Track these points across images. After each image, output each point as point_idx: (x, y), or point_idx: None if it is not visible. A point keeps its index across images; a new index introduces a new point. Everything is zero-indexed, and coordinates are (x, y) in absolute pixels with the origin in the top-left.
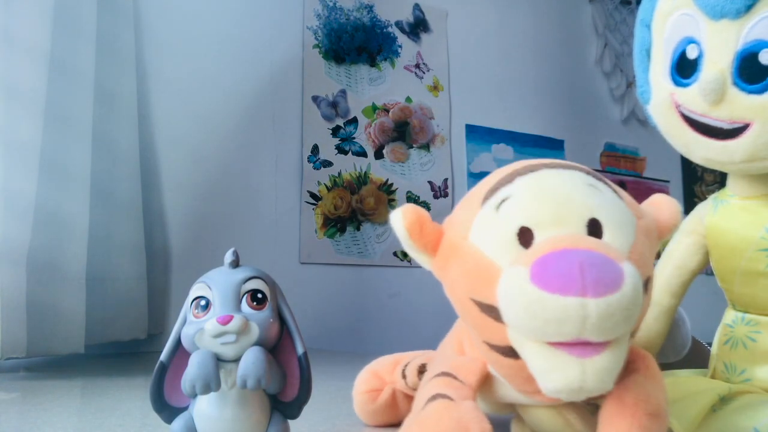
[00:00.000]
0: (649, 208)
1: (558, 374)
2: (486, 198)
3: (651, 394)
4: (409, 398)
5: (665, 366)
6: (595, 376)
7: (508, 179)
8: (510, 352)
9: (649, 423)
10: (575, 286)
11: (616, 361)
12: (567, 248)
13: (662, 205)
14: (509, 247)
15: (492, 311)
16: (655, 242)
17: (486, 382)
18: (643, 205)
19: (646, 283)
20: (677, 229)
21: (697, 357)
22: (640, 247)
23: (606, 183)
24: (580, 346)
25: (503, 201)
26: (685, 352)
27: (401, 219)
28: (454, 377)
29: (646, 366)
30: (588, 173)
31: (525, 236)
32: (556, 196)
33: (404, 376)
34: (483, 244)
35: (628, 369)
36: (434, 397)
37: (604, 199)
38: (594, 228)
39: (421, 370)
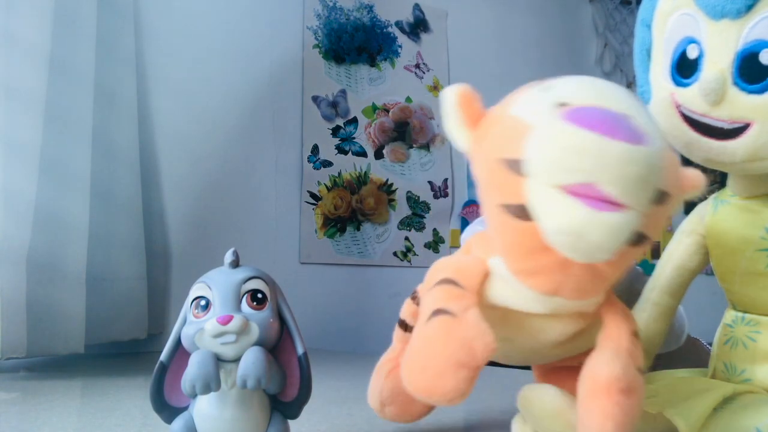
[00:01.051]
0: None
1: (565, 214)
2: (534, 86)
3: (626, 372)
4: None
5: (667, 362)
6: (599, 229)
7: (553, 79)
8: (522, 212)
9: (624, 399)
10: (602, 127)
11: (622, 226)
12: (604, 108)
13: (690, 170)
14: (549, 111)
15: (516, 165)
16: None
17: (490, 283)
18: None
19: (665, 195)
20: (696, 193)
21: (697, 357)
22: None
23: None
24: (594, 199)
25: (550, 88)
26: (684, 337)
27: (453, 91)
28: (455, 283)
29: (612, 327)
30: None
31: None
32: (597, 87)
33: (402, 324)
34: (524, 113)
35: (602, 338)
36: (436, 313)
37: (640, 104)
38: None
39: (414, 296)
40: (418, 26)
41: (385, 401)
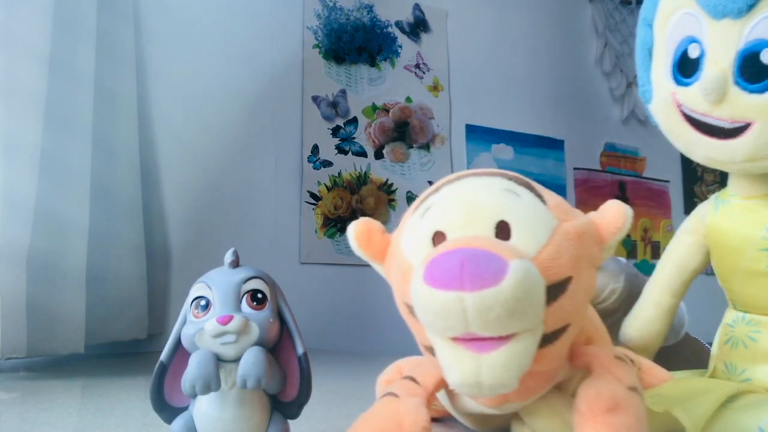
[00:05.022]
0: (595, 213)
1: (456, 368)
2: (417, 207)
3: (601, 391)
4: None
5: (667, 363)
6: (491, 371)
7: (437, 189)
8: (434, 352)
9: (611, 418)
10: (454, 282)
11: (515, 357)
12: (457, 247)
13: (607, 209)
14: (424, 250)
15: (413, 311)
16: (589, 244)
17: (451, 393)
18: (593, 212)
19: (565, 284)
20: (623, 233)
21: (697, 357)
22: (553, 248)
23: (531, 189)
24: (477, 341)
25: (428, 209)
26: (683, 332)
27: (352, 230)
28: (414, 380)
29: (590, 361)
30: (511, 179)
31: (438, 239)
32: (468, 201)
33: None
34: (407, 249)
35: (579, 370)
36: (385, 395)
37: (518, 203)
38: (503, 229)
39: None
40: (418, 26)
41: None
